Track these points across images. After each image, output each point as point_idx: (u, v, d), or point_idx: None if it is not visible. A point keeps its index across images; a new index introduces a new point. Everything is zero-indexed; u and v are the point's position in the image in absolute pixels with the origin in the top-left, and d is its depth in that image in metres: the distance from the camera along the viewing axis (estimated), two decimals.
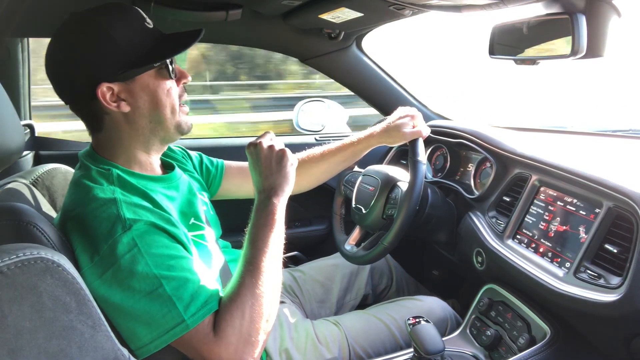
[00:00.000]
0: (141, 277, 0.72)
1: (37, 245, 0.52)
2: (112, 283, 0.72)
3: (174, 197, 0.91)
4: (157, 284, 0.72)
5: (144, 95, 0.83)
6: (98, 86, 0.79)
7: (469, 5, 1.03)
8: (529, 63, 0.99)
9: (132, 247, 0.73)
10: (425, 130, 1.21)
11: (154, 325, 0.72)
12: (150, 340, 0.72)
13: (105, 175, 0.83)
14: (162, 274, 0.73)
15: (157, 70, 0.84)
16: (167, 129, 0.87)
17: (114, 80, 0.80)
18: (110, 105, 0.81)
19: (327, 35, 1.56)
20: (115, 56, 0.79)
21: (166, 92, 0.85)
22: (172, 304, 0.72)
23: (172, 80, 0.86)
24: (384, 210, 1.24)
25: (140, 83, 0.82)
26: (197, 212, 0.95)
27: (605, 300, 0.81)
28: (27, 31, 1.39)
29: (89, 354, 0.53)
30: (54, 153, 1.49)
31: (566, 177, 1.00)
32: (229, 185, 1.20)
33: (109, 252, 0.73)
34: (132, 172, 0.86)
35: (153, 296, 0.72)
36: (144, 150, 0.89)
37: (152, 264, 0.73)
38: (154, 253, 0.74)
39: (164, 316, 0.72)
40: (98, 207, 0.76)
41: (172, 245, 0.78)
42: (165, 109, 0.85)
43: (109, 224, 0.74)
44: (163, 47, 0.84)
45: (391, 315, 1.14)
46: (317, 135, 1.87)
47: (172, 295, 0.72)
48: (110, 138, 0.86)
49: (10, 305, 0.47)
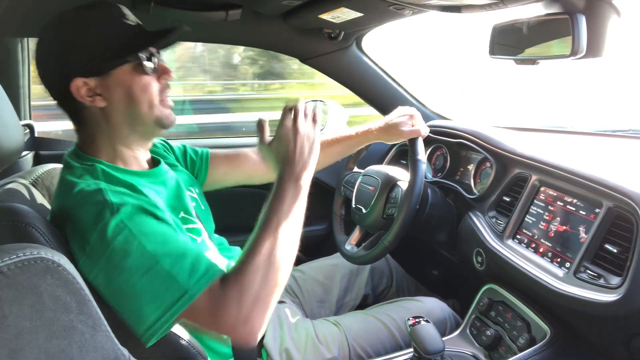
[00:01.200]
0: (136, 256, 0.71)
1: (37, 245, 0.52)
2: (109, 268, 0.71)
3: (160, 191, 0.89)
4: (154, 261, 0.71)
5: (119, 90, 0.83)
6: (72, 81, 0.80)
7: (469, 5, 1.03)
8: (529, 63, 0.99)
9: (122, 229, 0.72)
10: (424, 129, 1.21)
11: (158, 302, 0.70)
12: (157, 318, 0.70)
13: (90, 170, 0.82)
14: (157, 250, 0.72)
15: (133, 66, 0.83)
16: (145, 124, 0.87)
17: (89, 75, 0.80)
18: (85, 99, 0.81)
19: (327, 35, 1.56)
20: (89, 50, 0.80)
21: (142, 87, 0.84)
22: (172, 278, 0.71)
23: (151, 76, 0.85)
24: (384, 210, 1.24)
25: (116, 78, 0.82)
26: (187, 206, 0.94)
27: (605, 300, 0.81)
28: (27, 31, 1.39)
29: (89, 354, 0.53)
30: (54, 153, 1.49)
31: (566, 177, 1.00)
32: (216, 173, 1.18)
33: (100, 238, 0.72)
34: (117, 167, 0.86)
35: (152, 273, 0.71)
36: (124, 145, 0.88)
37: (146, 242, 0.72)
38: (145, 231, 0.73)
39: (166, 290, 0.70)
40: (83, 198, 0.76)
41: (162, 225, 0.76)
42: (141, 105, 0.84)
43: (96, 211, 0.73)
44: (138, 42, 0.83)
45: (391, 316, 1.14)
46: None
47: (170, 270, 0.71)
48: (92, 134, 0.86)
49: (11, 306, 0.47)
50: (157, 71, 0.86)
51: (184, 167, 1.11)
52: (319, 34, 1.55)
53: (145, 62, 0.83)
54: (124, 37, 0.82)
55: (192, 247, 0.76)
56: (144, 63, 0.83)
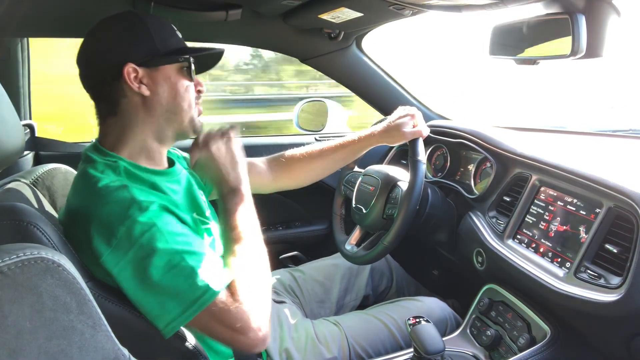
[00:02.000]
0: (163, 253, 0.74)
1: (37, 245, 0.52)
2: (135, 263, 0.74)
3: (176, 190, 0.92)
4: (179, 258, 0.75)
5: (165, 84, 0.88)
6: (125, 65, 0.83)
7: (469, 5, 1.03)
8: (529, 63, 0.99)
9: (150, 226, 0.75)
10: (425, 130, 1.21)
11: (181, 297, 0.74)
12: (180, 313, 0.74)
13: (112, 167, 0.84)
14: (183, 248, 0.76)
15: (180, 67, 0.89)
16: (181, 121, 0.91)
17: (140, 64, 0.85)
18: (133, 84, 0.85)
19: (327, 35, 1.56)
20: (147, 43, 0.85)
21: (185, 88, 0.90)
22: (195, 275, 0.75)
23: (191, 82, 0.91)
24: (384, 210, 1.24)
25: (164, 73, 0.87)
26: (200, 206, 0.96)
27: (605, 300, 0.81)
28: (27, 31, 1.39)
29: (89, 354, 0.53)
30: (54, 153, 1.49)
31: (566, 177, 1.00)
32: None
33: (128, 234, 0.74)
34: (138, 165, 0.88)
35: (177, 270, 0.74)
36: (155, 139, 0.91)
37: (172, 241, 0.76)
38: (172, 231, 0.77)
39: (190, 287, 0.74)
40: (109, 193, 0.78)
41: (184, 227, 0.82)
42: (184, 102, 0.90)
43: (124, 206, 0.76)
44: (188, 49, 0.91)
45: (391, 316, 1.14)
46: (317, 135, 1.87)
47: (194, 267, 0.75)
48: (123, 124, 0.88)
49: (11, 306, 0.47)
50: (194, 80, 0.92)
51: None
52: (319, 34, 1.55)
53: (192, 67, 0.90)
54: (176, 42, 0.90)
55: (210, 250, 0.82)
56: (191, 67, 0.90)
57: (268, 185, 1.26)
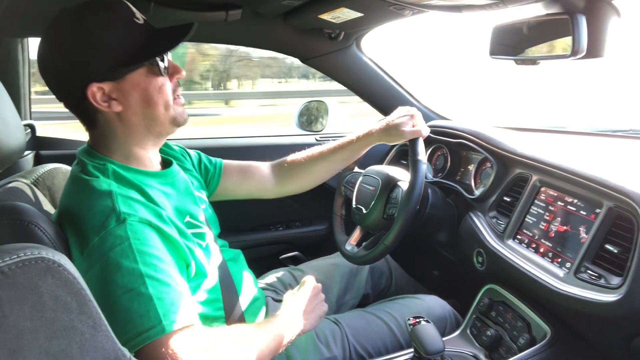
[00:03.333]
0: (126, 272, 0.71)
1: (38, 245, 0.52)
2: (100, 277, 0.71)
3: (169, 193, 0.90)
4: (141, 282, 0.71)
5: (135, 93, 0.82)
6: (88, 87, 0.78)
7: (469, 5, 1.03)
8: (529, 63, 0.99)
9: (123, 240, 0.72)
10: (425, 129, 1.20)
11: (130, 324, 0.70)
12: (127, 340, 0.69)
13: (101, 169, 0.83)
14: (148, 272, 0.72)
15: (148, 67, 0.82)
16: (161, 124, 0.87)
17: (103, 80, 0.79)
18: (101, 105, 0.80)
19: (327, 35, 1.56)
20: (104, 56, 0.78)
21: (158, 89, 0.84)
22: (151, 305, 0.70)
23: (164, 77, 0.85)
24: (384, 210, 1.24)
25: (131, 81, 0.81)
26: (193, 211, 0.94)
27: (605, 301, 0.81)
28: (27, 31, 1.39)
29: (90, 354, 0.53)
30: (55, 153, 1.49)
31: (566, 177, 1.00)
32: (227, 183, 1.20)
33: (100, 244, 0.72)
34: (128, 167, 0.86)
35: (134, 294, 0.70)
36: (139, 146, 0.88)
37: (140, 261, 0.72)
38: (143, 251, 0.73)
39: (141, 316, 0.70)
40: (93, 200, 0.76)
41: (162, 249, 0.77)
42: (158, 106, 0.85)
43: (103, 217, 0.74)
44: (153, 44, 0.82)
45: (391, 314, 1.14)
46: (317, 135, 1.87)
47: (153, 296, 0.71)
48: (105, 135, 0.86)
49: (11, 306, 0.47)
50: (168, 71, 0.86)
51: (198, 174, 1.13)
52: (319, 34, 1.55)
53: (160, 64, 0.83)
54: (138, 39, 0.81)
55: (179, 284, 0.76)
56: (159, 65, 0.82)
57: (272, 190, 1.27)
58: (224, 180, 1.19)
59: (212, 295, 0.92)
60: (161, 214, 0.81)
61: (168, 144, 1.08)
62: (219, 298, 0.93)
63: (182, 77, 0.89)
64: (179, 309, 0.73)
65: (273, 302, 1.15)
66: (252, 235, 1.75)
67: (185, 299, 0.76)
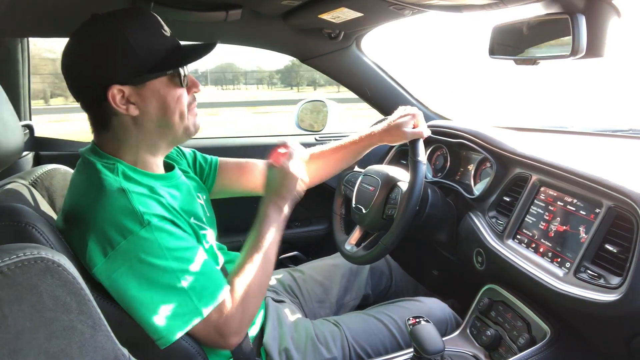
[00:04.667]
0: (160, 270, 0.76)
1: (37, 245, 0.52)
2: (130, 276, 0.75)
3: (174, 195, 0.91)
4: (175, 277, 0.77)
5: (154, 100, 0.85)
6: (109, 88, 0.81)
7: (469, 5, 1.03)
8: (529, 63, 0.99)
9: (152, 242, 0.76)
10: (426, 130, 1.21)
11: (171, 316, 0.76)
12: (168, 331, 0.76)
13: (110, 168, 0.84)
14: (179, 267, 0.78)
15: (169, 77, 0.85)
16: (175, 133, 0.90)
17: (125, 83, 0.82)
18: (120, 107, 0.82)
19: (327, 35, 1.56)
20: (130, 60, 0.81)
21: (176, 99, 0.86)
22: (187, 296, 0.77)
23: (183, 88, 0.88)
24: (384, 210, 1.24)
25: (151, 88, 0.84)
26: (197, 212, 0.95)
27: (605, 300, 0.81)
28: (27, 31, 1.39)
29: (89, 354, 0.53)
30: (54, 153, 1.49)
31: (566, 177, 1.00)
32: (224, 180, 1.20)
33: (127, 247, 0.75)
34: (136, 169, 0.88)
35: (170, 289, 0.77)
36: (150, 152, 0.90)
37: (170, 257, 0.78)
38: (171, 246, 0.78)
39: (180, 307, 0.77)
40: (107, 199, 0.78)
41: (184, 237, 0.82)
42: (174, 115, 0.87)
43: (125, 218, 0.76)
44: (177, 55, 0.86)
45: (391, 316, 1.14)
46: (317, 135, 1.87)
47: (187, 288, 0.78)
48: (117, 138, 0.87)
49: (11, 306, 0.47)
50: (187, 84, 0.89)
51: (194, 174, 1.13)
52: (319, 34, 1.55)
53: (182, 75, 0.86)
54: (163, 49, 0.84)
55: (206, 265, 0.83)
56: (181, 76, 0.86)
57: None
58: (220, 178, 1.19)
59: None
60: (171, 208, 0.84)
61: None
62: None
63: (198, 92, 0.92)
64: (210, 291, 0.81)
65: (273, 303, 1.15)
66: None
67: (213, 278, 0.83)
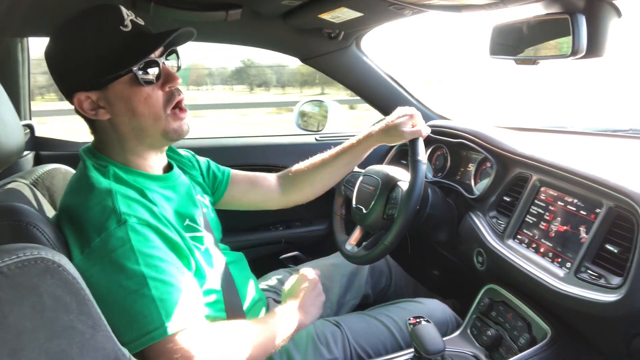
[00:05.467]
0: (129, 274, 0.72)
1: (37, 246, 0.52)
2: (101, 277, 0.72)
3: (170, 197, 0.91)
4: (144, 284, 0.71)
5: (120, 103, 0.81)
6: (74, 96, 0.80)
7: (469, 5, 1.03)
8: (529, 63, 0.99)
9: (124, 242, 0.73)
10: (425, 129, 1.20)
11: (134, 326, 0.71)
12: (130, 340, 0.70)
13: (102, 171, 0.84)
14: (151, 274, 0.73)
15: (132, 77, 0.79)
16: (151, 136, 0.85)
17: (90, 88, 0.80)
18: (88, 113, 0.82)
19: (327, 35, 1.56)
20: (86, 65, 0.78)
21: (143, 100, 0.81)
22: (154, 306, 0.71)
23: (152, 85, 0.81)
24: (384, 210, 1.24)
25: (114, 91, 0.80)
26: (194, 215, 0.94)
27: (605, 300, 0.81)
28: (27, 31, 1.39)
29: (90, 353, 0.53)
30: (54, 153, 1.49)
31: (566, 177, 1.00)
32: (234, 192, 1.20)
33: (101, 245, 0.73)
34: (130, 169, 0.87)
35: (137, 295, 0.71)
36: (135, 154, 0.88)
37: (142, 263, 0.72)
38: (145, 252, 0.74)
39: (144, 317, 0.71)
40: (93, 198, 0.77)
41: (163, 248, 0.77)
42: (144, 118, 0.82)
43: (103, 217, 0.74)
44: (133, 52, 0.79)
45: (392, 317, 1.14)
46: (317, 135, 1.87)
47: (156, 298, 0.71)
48: (104, 140, 0.88)
49: (11, 306, 0.47)
50: (159, 79, 0.82)
51: (204, 181, 1.13)
52: (319, 34, 1.55)
53: (139, 74, 0.79)
54: (117, 47, 0.78)
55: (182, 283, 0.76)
56: (138, 75, 0.79)
57: (278, 200, 1.27)
58: (230, 189, 1.20)
59: (213, 297, 0.92)
60: (159, 216, 0.81)
61: (175, 149, 1.08)
62: (220, 300, 0.94)
63: (176, 86, 0.84)
64: (181, 308, 0.73)
65: (274, 303, 1.15)
66: (252, 235, 1.75)
67: (189, 297, 0.76)
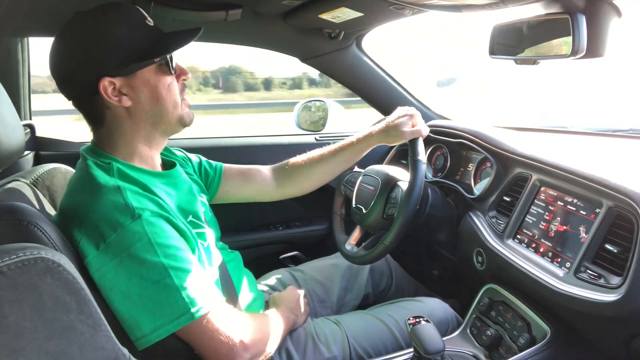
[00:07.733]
0: (150, 266, 0.75)
1: (37, 245, 0.52)
2: (120, 271, 0.74)
3: (172, 193, 0.92)
4: (165, 274, 0.75)
5: (145, 90, 0.85)
6: (100, 80, 0.81)
7: (469, 5, 1.03)
8: (529, 63, 0.99)
9: (142, 236, 0.75)
10: (425, 129, 1.20)
11: (159, 314, 0.74)
12: (153, 329, 0.74)
13: (106, 168, 0.84)
14: (171, 264, 0.76)
15: (158, 66, 0.86)
16: (168, 122, 0.90)
17: (115, 75, 0.82)
18: (112, 99, 0.83)
19: (327, 35, 1.56)
20: (117, 51, 0.81)
21: (167, 87, 0.88)
22: (178, 294, 0.75)
23: (172, 76, 0.88)
24: (384, 210, 1.24)
25: (141, 78, 0.85)
26: (196, 211, 0.96)
27: (605, 300, 0.81)
28: (27, 31, 1.39)
29: (90, 353, 0.53)
30: (55, 153, 1.49)
31: (566, 177, 1.00)
32: (228, 187, 1.21)
33: (117, 241, 0.75)
34: (133, 165, 0.88)
35: (160, 285, 0.75)
36: (145, 144, 0.91)
37: (161, 254, 0.76)
38: (163, 243, 0.77)
39: (170, 305, 0.75)
40: (101, 196, 0.78)
41: (177, 237, 0.81)
42: (167, 104, 0.88)
43: (116, 213, 0.76)
44: (163, 43, 0.86)
45: (392, 317, 1.14)
46: (317, 135, 1.87)
47: (179, 286, 0.75)
48: (112, 133, 0.88)
49: (11, 306, 0.47)
50: (175, 72, 0.89)
51: (199, 178, 1.14)
52: (319, 34, 1.55)
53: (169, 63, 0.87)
54: (149, 39, 0.85)
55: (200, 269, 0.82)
56: (169, 63, 0.86)
57: (273, 193, 1.28)
58: (224, 184, 1.20)
59: None
60: (168, 209, 0.84)
61: (169, 149, 1.09)
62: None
63: (188, 79, 0.93)
64: (203, 292, 0.78)
65: None
66: (252, 235, 1.75)
67: (206, 281, 0.82)
